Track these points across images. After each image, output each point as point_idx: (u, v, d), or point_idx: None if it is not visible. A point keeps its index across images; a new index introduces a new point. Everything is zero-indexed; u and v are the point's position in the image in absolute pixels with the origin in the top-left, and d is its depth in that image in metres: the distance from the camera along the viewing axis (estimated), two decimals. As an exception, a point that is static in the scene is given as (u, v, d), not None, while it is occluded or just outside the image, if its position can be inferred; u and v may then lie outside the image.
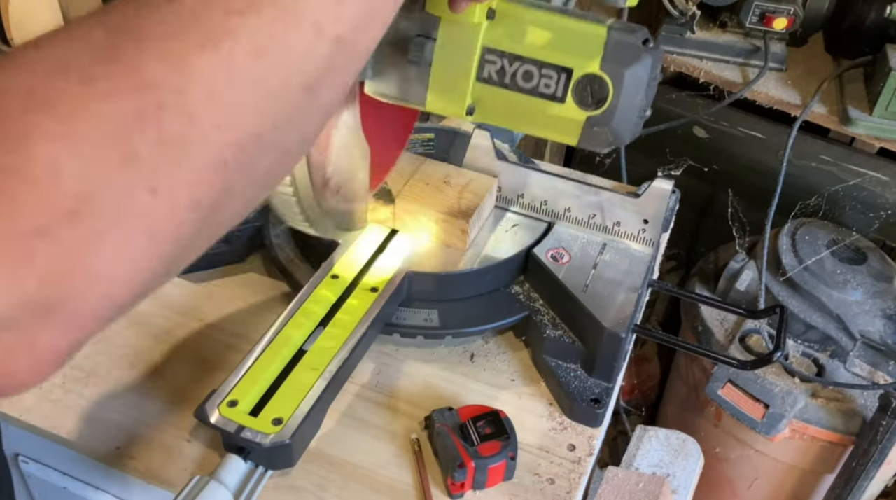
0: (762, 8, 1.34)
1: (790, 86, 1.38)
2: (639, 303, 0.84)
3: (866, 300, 1.41)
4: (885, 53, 1.27)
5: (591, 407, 0.79)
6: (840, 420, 1.35)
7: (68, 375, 0.81)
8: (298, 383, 0.70)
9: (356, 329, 0.76)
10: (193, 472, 0.72)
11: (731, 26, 1.42)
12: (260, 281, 0.94)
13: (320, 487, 0.73)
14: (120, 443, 0.75)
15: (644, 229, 0.89)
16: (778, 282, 1.46)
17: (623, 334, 0.78)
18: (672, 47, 1.43)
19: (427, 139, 1.00)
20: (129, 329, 0.87)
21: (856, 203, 1.63)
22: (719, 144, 1.75)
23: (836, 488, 1.42)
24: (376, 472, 0.75)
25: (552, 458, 0.77)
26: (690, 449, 0.98)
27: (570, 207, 0.91)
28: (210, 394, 0.69)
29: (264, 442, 0.65)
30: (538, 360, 0.85)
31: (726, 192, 1.67)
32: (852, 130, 1.30)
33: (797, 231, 1.52)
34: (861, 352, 1.38)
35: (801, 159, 1.62)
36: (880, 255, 1.50)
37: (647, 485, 0.85)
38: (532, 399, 0.83)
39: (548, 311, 0.86)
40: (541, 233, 0.91)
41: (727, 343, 1.45)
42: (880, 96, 1.25)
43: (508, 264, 0.88)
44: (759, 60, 1.40)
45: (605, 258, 0.88)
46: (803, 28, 1.41)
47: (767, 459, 1.47)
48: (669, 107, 1.72)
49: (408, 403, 0.81)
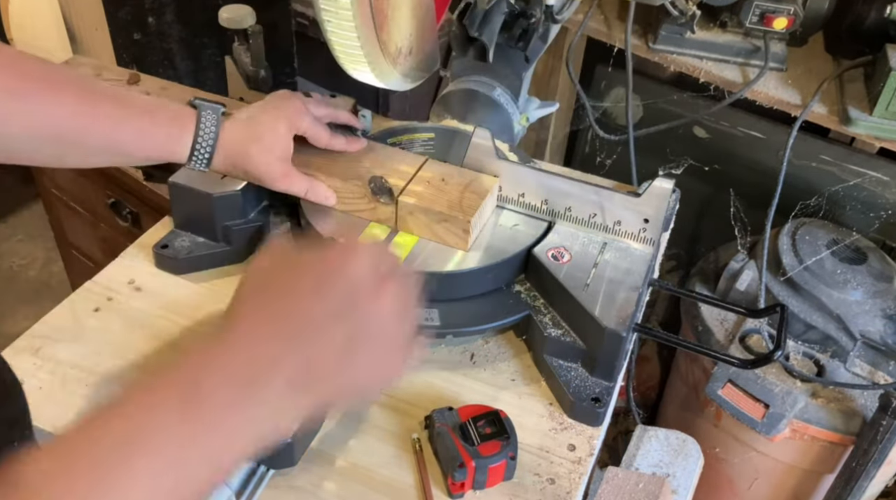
0: (762, 8, 1.34)
1: (790, 86, 1.38)
2: (639, 302, 0.84)
3: (866, 300, 1.41)
4: (885, 53, 1.27)
5: (592, 406, 0.80)
6: (840, 420, 1.35)
7: (68, 375, 0.81)
8: (299, 383, 0.70)
9: (357, 329, 0.76)
10: (194, 472, 0.72)
11: (731, 26, 1.42)
12: (260, 281, 0.94)
13: (320, 487, 0.73)
14: (120, 443, 0.75)
15: (644, 229, 0.89)
16: (778, 282, 1.46)
17: (623, 334, 0.79)
18: (672, 47, 1.42)
19: (427, 139, 1.00)
20: (129, 329, 0.86)
21: (856, 203, 1.63)
22: (719, 144, 1.75)
23: (836, 488, 1.42)
24: (376, 472, 0.75)
25: (552, 458, 0.77)
26: (690, 449, 0.98)
27: (570, 206, 0.91)
28: (210, 394, 0.68)
29: (265, 442, 0.65)
30: (539, 359, 0.85)
31: (726, 192, 1.67)
32: (852, 130, 1.30)
33: (797, 231, 1.52)
34: (861, 352, 1.38)
35: (801, 159, 1.62)
36: (880, 255, 1.50)
37: (647, 485, 0.85)
38: (532, 399, 0.83)
39: (548, 310, 0.86)
40: (541, 232, 0.91)
41: (727, 343, 1.45)
42: (880, 96, 1.25)
43: (509, 263, 0.88)
44: (759, 60, 1.40)
45: (606, 258, 0.88)
46: (803, 28, 1.41)
47: (767, 459, 1.47)
48: (669, 107, 1.73)
49: (408, 403, 0.81)
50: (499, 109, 1.00)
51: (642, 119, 1.79)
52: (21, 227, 2.62)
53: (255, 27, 1.10)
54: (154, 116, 0.76)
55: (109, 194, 1.50)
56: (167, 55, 1.31)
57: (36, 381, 0.80)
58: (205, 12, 1.28)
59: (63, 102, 0.68)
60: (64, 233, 1.82)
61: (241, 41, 1.13)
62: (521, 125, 1.05)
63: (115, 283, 0.92)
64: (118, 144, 0.74)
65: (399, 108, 1.67)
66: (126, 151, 0.75)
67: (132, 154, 0.77)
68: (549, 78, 1.82)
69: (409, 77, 0.98)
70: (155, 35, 1.27)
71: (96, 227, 1.65)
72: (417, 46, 0.96)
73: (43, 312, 0.87)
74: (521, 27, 1.01)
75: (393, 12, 0.87)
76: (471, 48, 1.01)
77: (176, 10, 1.28)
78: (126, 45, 1.25)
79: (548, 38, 1.07)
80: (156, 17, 1.26)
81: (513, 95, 1.02)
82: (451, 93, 1.01)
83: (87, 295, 0.90)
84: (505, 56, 1.01)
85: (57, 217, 1.79)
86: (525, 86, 1.06)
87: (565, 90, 1.86)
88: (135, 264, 0.95)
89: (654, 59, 1.46)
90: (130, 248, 0.97)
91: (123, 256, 0.96)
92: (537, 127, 1.90)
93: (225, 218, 0.92)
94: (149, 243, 0.95)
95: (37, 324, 0.86)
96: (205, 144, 0.79)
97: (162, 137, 0.77)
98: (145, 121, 0.75)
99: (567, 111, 1.94)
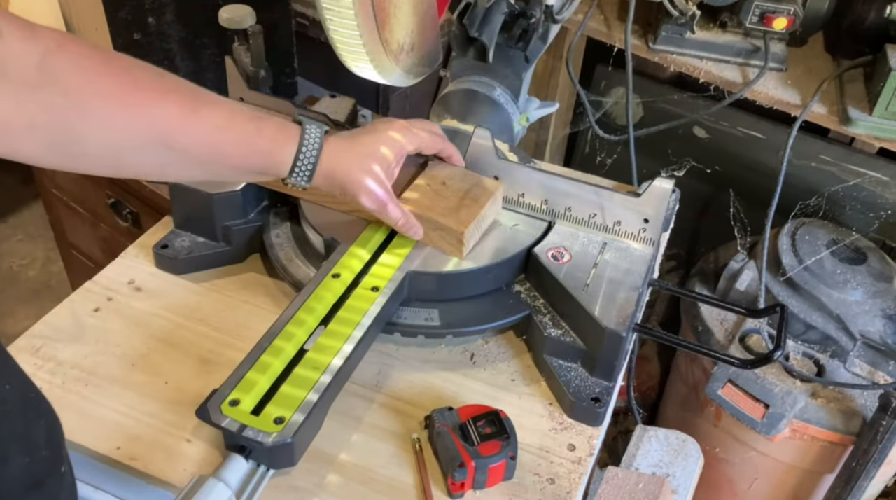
0: (762, 8, 1.34)
1: (790, 86, 1.38)
2: (639, 302, 0.84)
3: (866, 300, 1.41)
4: (885, 53, 1.27)
5: (592, 406, 0.80)
6: (840, 420, 1.35)
7: (68, 375, 0.81)
8: (300, 383, 0.70)
9: (357, 329, 0.76)
10: (193, 472, 0.72)
11: (731, 26, 1.42)
12: (260, 281, 0.94)
13: (320, 487, 0.73)
14: (120, 443, 0.75)
15: (644, 229, 0.89)
16: (778, 282, 1.46)
17: (623, 333, 0.79)
18: (672, 47, 1.42)
19: (427, 139, 1.00)
20: (129, 329, 0.87)
21: (856, 203, 1.63)
22: (719, 144, 1.75)
23: (836, 488, 1.42)
24: (377, 472, 0.75)
25: (552, 458, 0.77)
26: (690, 449, 0.98)
27: (570, 206, 0.91)
28: (212, 393, 0.69)
29: (266, 441, 0.65)
30: (539, 359, 0.85)
31: (726, 192, 1.67)
32: (852, 130, 1.30)
33: (797, 231, 1.52)
34: (861, 352, 1.38)
35: (801, 159, 1.62)
36: (880, 255, 1.50)
37: (647, 485, 0.85)
38: (532, 399, 0.83)
39: (548, 310, 0.86)
40: (541, 232, 0.91)
41: (727, 343, 1.45)
42: (880, 96, 1.25)
43: (509, 263, 0.88)
44: (759, 60, 1.40)
45: (606, 258, 0.88)
46: (803, 28, 1.41)
47: (767, 459, 1.47)
48: (669, 107, 1.73)
49: (408, 403, 0.81)
50: (499, 109, 1.00)
51: (642, 119, 1.79)
52: (21, 227, 2.62)
53: (255, 27, 1.10)
54: (259, 126, 0.75)
55: (109, 194, 1.50)
56: (167, 55, 1.31)
57: (36, 381, 0.79)
58: (205, 12, 1.28)
59: (169, 108, 0.68)
60: (64, 233, 1.82)
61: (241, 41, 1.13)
62: (521, 125, 1.05)
63: (115, 283, 0.92)
64: (221, 152, 0.73)
65: (399, 108, 1.67)
66: (228, 162, 0.74)
67: (234, 165, 0.75)
68: (549, 78, 1.82)
69: (411, 73, 0.98)
70: (155, 35, 1.27)
71: (96, 227, 1.65)
72: (419, 43, 0.96)
73: (43, 312, 0.87)
74: (521, 27, 1.01)
75: (394, 9, 0.88)
76: (471, 48, 1.01)
77: (176, 10, 1.28)
78: (126, 45, 1.25)
79: (548, 38, 1.07)
80: (156, 17, 1.26)
81: (513, 95, 1.02)
82: (451, 93, 1.01)
83: (87, 295, 0.90)
84: (505, 56, 1.01)
85: (57, 217, 1.79)
86: (525, 86, 1.06)
87: (565, 90, 1.86)
88: (135, 264, 0.95)
89: (654, 59, 1.46)
90: (130, 248, 0.97)
91: (123, 256, 0.96)
92: (537, 127, 1.90)
93: (225, 218, 0.92)
94: (149, 243, 0.95)
95: (37, 324, 0.86)
96: (308, 158, 0.78)
97: (266, 147, 0.76)
98: (250, 130, 0.74)
99: (567, 111, 1.94)
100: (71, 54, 0.61)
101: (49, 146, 0.62)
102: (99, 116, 0.64)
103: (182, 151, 0.70)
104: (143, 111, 0.67)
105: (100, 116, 0.64)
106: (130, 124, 0.66)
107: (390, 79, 0.94)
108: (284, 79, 1.45)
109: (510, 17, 1.00)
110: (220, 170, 0.75)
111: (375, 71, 0.90)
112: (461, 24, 0.98)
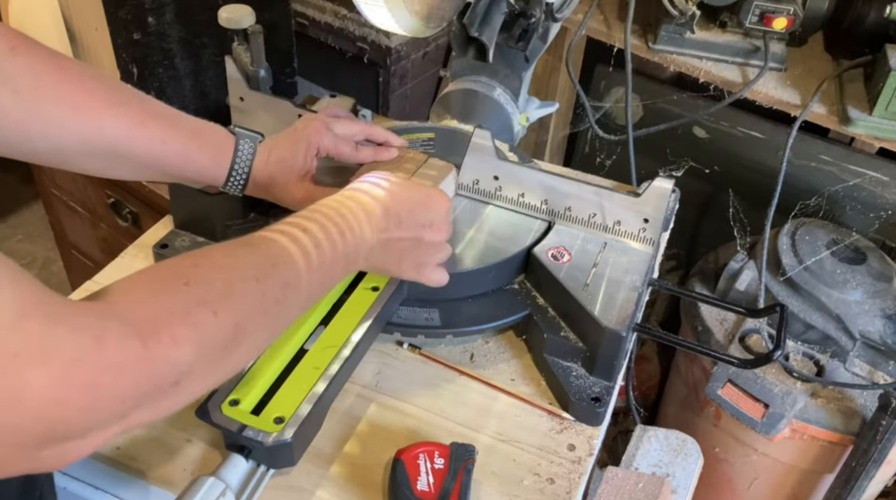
0: (762, 8, 1.34)
1: (790, 86, 1.38)
2: (639, 302, 0.84)
3: (866, 300, 1.41)
4: (885, 53, 1.27)
5: (592, 406, 0.80)
6: (840, 420, 1.35)
7: (69, 374, 0.81)
8: (300, 382, 0.70)
9: (357, 328, 0.76)
10: (194, 472, 0.72)
11: (730, 26, 1.42)
12: (260, 281, 0.94)
13: (320, 487, 0.73)
14: (120, 443, 0.75)
15: (644, 228, 0.89)
16: (778, 282, 1.46)
17: (623, 333, 0.79)
18: (672, 47, 1.42)
19: (427, 139, 1.00)
20: (129, 329, 0.86)
21: (856, 203, 1.63)
22: (719, 144, 1.75)
23: (835, 488, 1.42)
24: (377, 472, 0.75)
25: (552, 458, 0.77)
26: (690, 449, 0.98)
27: (570, 206, 0.91)
28: (212, 393, 0.69)
29: (266, 441, 0.65)
30: (538, 359, 0.85)
31: (726, 192, 1.67)
32: (852, 130, 1.30)
33: (797, 231, 1.52)
34: (861, 352, 1.38)
35: (801, 159, 1.62)
36: (880, 255, 1.50)
37: (647, 485, 0.85)
38: (532, 399, 0.83)
39: (548, 310, 0.86)
40: (541, 232, 0.91)
41: (727, 343, 1.45)
42: (880, 96, 1.25)
43: (509, 263, 0.88)
44: (758, 60, 1.40)
45: (606, 257, 0.88)
46: (803, 28, 1.41)
47: (767, 459, 1.47)
48: (669, 107, 1.72)
49: (408, 403, 0.81)
50: (499, 109, 1.00)
51: (642, 119, 1.79)
52: (21, 227, 2.62)
53: (255, 27, 1.10)
54: (200, 140, 0.80)
55: (109, 194, 1.50)
56: (167, 55, 1.30)
57: (36, 381, 0.80)
58: (205, 12, 1.28)
59: (119, 119, 0.73)
60: (64, 233, 1.82)
61: (241, 41, 1.13)
62: (521, 125, 1.05)
63: (115, 283, 0.92)
64: (163, 162, 0.78)
65: (399, 107, 1.67)
66: (170, 170, 0.80)
67: (175, 174, 0.81)
68: (549, 78, 1.82)
69: (423, 21, 0.96)
70: (155, 35, 1.27)
71: (96, 227, 1.65)
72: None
73: (43, 312, 0.87)
74: (520, 27, 1.01)
75: None
76: (471, 48, 1.01)
77: (176, 10, 1.28)
78: (126, 45, 1.25)
79: (548, 37, 1.07)
80: (156, 17, 1.26)
81: (513, 95, 1.02)
82: (451, 93, 1.01)
83: (87, 295, 0.90)
84: (505, 56, 1.02)
85: (57, 217, 1.79)
86: (525, 86, 1.06)
87: (565, 90, 1.86)
88: (135, 264, 0.95)
89: (654, 60, 1.46)
90: (130, 248, 0.97)
91: (123, 256, 0.96)
92: (537, 127, 1.90)
93: (225, 218, 0.92)
94: (149, 243, 0.95)
95: (37, 324, 0.86)
96: (240, 172, 0.83)
97: (204, 161, 0.81)
98: (191, 145, 0.79)
99: (567, 111, 1.94)
100: (23, 57, 0.65)
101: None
102: (49, 119, 0.68)
103: (127, 157, 0.75)
104: (93, 120, 0.71)
105: (50, 120, 0.69)
106: (80, 130, 0.70)
107: (401, 23, 0.92)
108: (284, 79, 1.45)
109: (510, 17, 1.00)
110: (162, 176, 0.81)
111: (389, 14, 0.90)
112: (461, 23, 0.98)
